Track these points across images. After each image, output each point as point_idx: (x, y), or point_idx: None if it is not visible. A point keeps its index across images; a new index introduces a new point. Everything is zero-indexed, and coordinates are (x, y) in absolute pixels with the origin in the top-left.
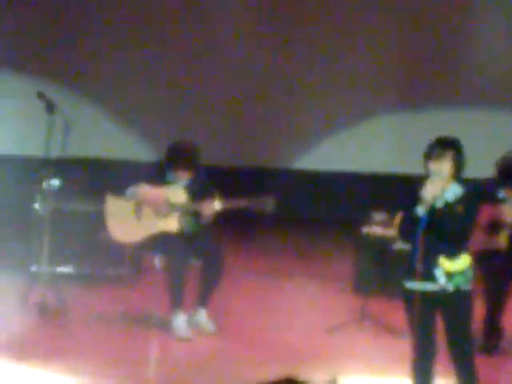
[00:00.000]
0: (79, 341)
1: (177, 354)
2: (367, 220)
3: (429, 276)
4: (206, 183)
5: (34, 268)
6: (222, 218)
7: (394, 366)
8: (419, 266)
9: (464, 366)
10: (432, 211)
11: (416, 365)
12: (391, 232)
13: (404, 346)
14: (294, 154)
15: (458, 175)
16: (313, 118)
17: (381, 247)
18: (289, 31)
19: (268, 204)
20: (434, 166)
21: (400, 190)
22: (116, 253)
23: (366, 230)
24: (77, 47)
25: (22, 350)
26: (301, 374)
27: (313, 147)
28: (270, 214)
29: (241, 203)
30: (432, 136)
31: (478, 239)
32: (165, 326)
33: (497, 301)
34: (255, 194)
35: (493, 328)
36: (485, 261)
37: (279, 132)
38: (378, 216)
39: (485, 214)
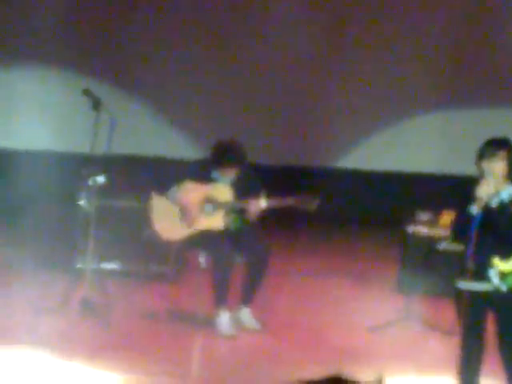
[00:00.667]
0: (123, 338)
1: (221, 352)
2: (412, 219)
3: (482, 276)
4: (251, 181)
5: (79, 265)
6: (267, 216)
7: (439, 365)
8: (472, 266)
9: None
10: (487, 210)
11: (463, 365)
12: (436, 231)
13: (449, 346)
14: (339, 153)
15: (511, 175)
16: (357, 116)
17: (426, 247)
18: (333, 31)
19: (312, 203)
20: (486, 166)
21: (444, 190)
22: (161, 250)
23: (411, 229)
24: (123, 46)
25: (67, 347)
26: (347, 372)
27: (358, 146)
28: (315, 212)
29: (286, 202)
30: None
31: None
32: (209, 324)
33: None
34: (300, 192)
35: None
36: None
37: (324, 131)
38: (424, 215)
39: None
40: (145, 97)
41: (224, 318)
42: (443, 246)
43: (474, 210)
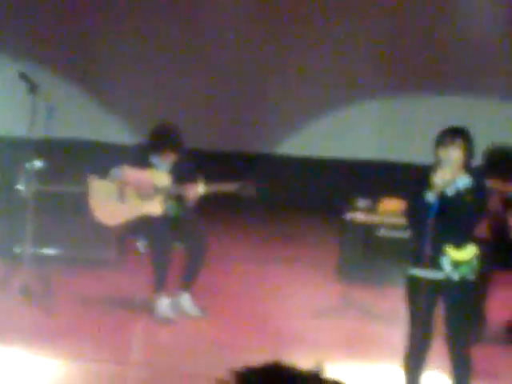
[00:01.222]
0: (63, 323)
1: (160, 337)
2: (352, 206)
3: (435, 264)
4: (189, 167)
5: (17, 249)
6: (207, 202)
7: (377, 352)
8: (426, 253)
9: (460, 356)
10: (443, 198)
11: (411, 352)
12: (375, 218)
13: (387, 333)
14: (279, 140)
15: (467, 164)
16: (298, 103)
17: (365, 233)
18: (277, 15)
19: (249, 189)
20: (443, 154)
21: (384, 176)
22: (100, 235)
23: (350, 216)
24: (60, 29)
25: (7, 334)
26: (286, 358)
27: (298, 133)
28: (251, 199)
29: (223, 187)
30: (416, 122)
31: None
32: (148, 309)
33: (481, 290)
34: (239, 179)
35: (477, 317)
36: None
37: (264, 117)
38: (363, 202)
39: None
40: (83, 81)
41: (163, 304)
42: (382, 232)
43: (430, 197)
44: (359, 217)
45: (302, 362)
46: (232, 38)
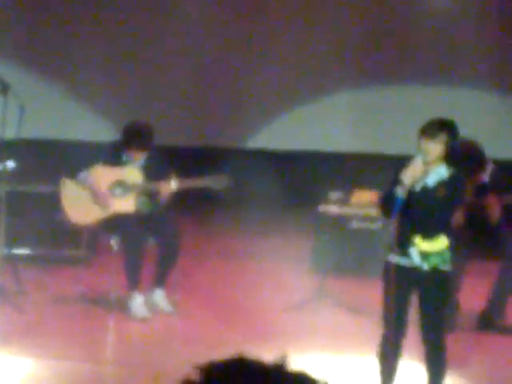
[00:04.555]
0: (36, 323)
1: (134, 335)
2: (324, 198)
3: (405, 253)
4: (161, 163)
5: None
6: (178, 198)
7: (352, 344)
8: (396, 243)
9: (434, 345)
10: (409, 195)
11: (385, 340)
12: (348, 210)
13: (361, 324)
14: (251, 133)
15: (447, 158)
16: (270, 95)
17: (338, 226)
18: (246, 5)
19: (222, 183)
20: (424, 145)
21: (357, 168)
22: (72, 234)
23: (323, 208)
24: (32, 27)
25: None
26: (257, 353)
27: (270, 126)
28: (225, 192)
29: (196, 182)
30: (390, 112)
31: None
32: (122, 307)
33: (454, 277)
34: (210, 173)
35: (450, 305)
36: None
37: (236, 111)
38: (335, 194)
39: None
40: (54, 80)
41: (137, 301)
42: (355, 224)
43: (398, 192)
44: (332, 209)
45: (269, 355)
46: (204, 32)
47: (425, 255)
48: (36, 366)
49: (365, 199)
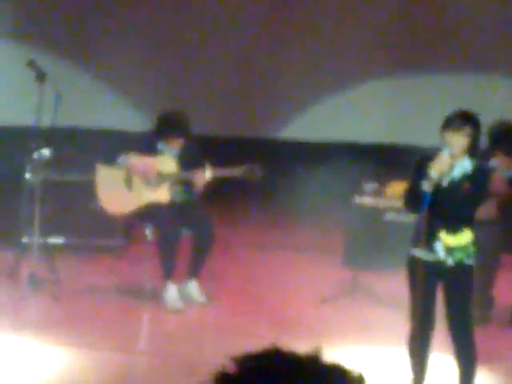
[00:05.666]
0: (71, 312)
1: (169, 326)
2: (359, 190)
3: (430, 248)
4: (196, 153)
5: (25, 239)
6: (213, 188)
7: (386, 337)
8: (423, 237)
9: (462, 340)
10: (437, 190)
11: (414, 334)
12: (383, 202)
13: (395, 318)
14: (285, 124)
15: (472, 151)
16: (304, 86)
17: (372, 218)
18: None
19: (256, 173)
20: (449, 138)
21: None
22: (107, 223)
23: (357, 200)
24: (69, 16)
25: (15, 322)
26: (290, 345)
27: (304, 116)
28: (258, 182)
29: (230, 172)
30: (422, 104)
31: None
32: (156, 297)
33: (488, 272)
34: (243, 163)
35: (484, 299)
36: (476, 231)
37: (270, 101)
38: (369, 186)
39: None
40: (90, 68)
41: (172, 292)
42: (390, 216)
43: (426, 186)
44: (366, 201)
45: (303, 347)
46: (238, 21)
47: (450, 250)
48: (70, 356)
49: (400, 191)
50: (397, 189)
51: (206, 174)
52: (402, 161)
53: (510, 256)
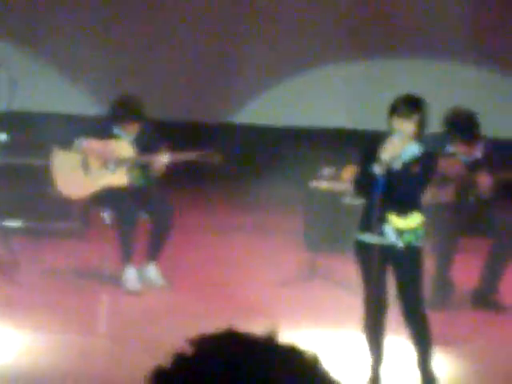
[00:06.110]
0: (29, 295)
1: (128, 309)
2: (315, 175)
3: (380, 231)
4: (153, 137)
5: None
6: (169, 172)
7: (344, 320)
8: (372, 221)
9: (415, 322)
10: (389, 173)
11: (367, 318)
12: (340, 186)
13: (353, 300)
14: (243, 108)
15: (419, 135)
16: (260, 70)
17: (330, 201)
18: None
19: (215, 157)
20: (397, 124)
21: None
22: (65, 207)
23: (314, 184)
24: (21, 2)
25: None
26: (248, 327)
27: (262, 101)
28: (217, 166)
29: (188, 156)
30: (378, 88)
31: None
32: (115, 281)
33: (446, 255)
34: (200, 148)
35: (443, 282)
36: (433, 215)
37: (226, 86)
38: (327, 170)
39: None
40: (45, 54)
41: (130, 274)
42: (347, 200)
43: (377, 170)
44: (324, 185)
45: (259, 328)
46: (192, 7)
47: (400, 232)
48: (29, 339)
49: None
50: (354, 173)
51: (163, 158)
52: (359, 145)
53: (468, 239)
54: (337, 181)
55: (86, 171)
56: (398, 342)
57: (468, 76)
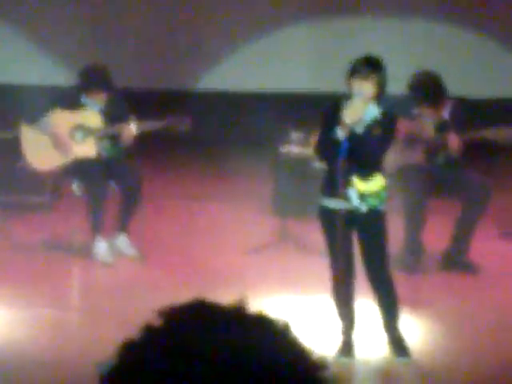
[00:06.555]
0: (0, 269)
1: (98, 280)
2: (285, 139)
3: (344, 196)
4: (121, 106)
5: None
6: (138, 141)
7: (314, 285)
8: (335, 185)
9: (380, 285)
10: (352, 137)
11: (335, 284)
12: (309, 151)
13: (324, 266)
14: (210, 74)
15: (379, 96)
16: (222, 33)
17: (299, 167)
18: None
19: (184, 124)
20: (357, 86)
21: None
22: (35, 180)
23: (283, 149)
24: None
25: None
26: (218, 296)
27: (227, 66)
28: (185, 134)
29: (156, 125)
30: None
31: (394, 155)
32: (86, 252)
33: (416, 217)
34: (169, 115)
35: (413, 245)
36: (402, 177)
37: (191, 53)
38: (296, 135)
39: (400, 129)
40: (12, 23)
41: (101, 246)
42: (317, 165)
43: (339, 134)
44: (293, 150)
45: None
46: None
47: (363, 196)
48: (1, 314)
49: None
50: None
51: (132, 128)
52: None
53: (438, 201)
54: (306, 145)
55: (54, 143)
56: (369, 306)
57: (436, 35)
